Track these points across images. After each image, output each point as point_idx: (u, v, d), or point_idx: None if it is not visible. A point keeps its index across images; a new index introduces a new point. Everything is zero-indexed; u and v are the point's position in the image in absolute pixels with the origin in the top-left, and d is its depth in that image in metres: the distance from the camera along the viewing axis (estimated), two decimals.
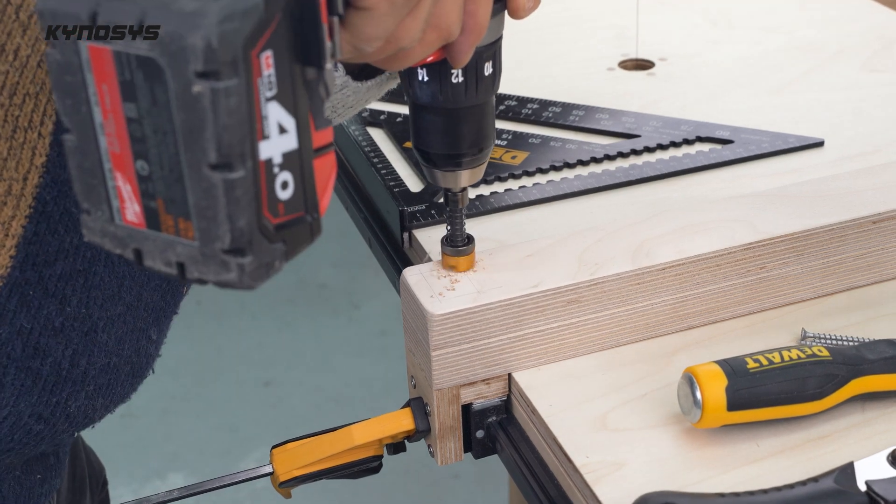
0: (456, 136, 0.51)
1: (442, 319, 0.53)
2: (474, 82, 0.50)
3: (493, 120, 0.53)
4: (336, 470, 0.56)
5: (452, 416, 0.56)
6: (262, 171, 0.36)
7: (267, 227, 0.36)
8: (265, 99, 0.35)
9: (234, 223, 0.35)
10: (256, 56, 0.34)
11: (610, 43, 0.90)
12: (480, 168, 0.54)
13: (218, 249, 0.35)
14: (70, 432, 0.55)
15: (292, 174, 0.37)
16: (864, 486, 0.48)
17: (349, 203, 0.77)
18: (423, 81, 0.49)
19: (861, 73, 0.84)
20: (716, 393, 0.50)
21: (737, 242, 0.59)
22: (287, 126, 0.36)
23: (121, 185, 0.37)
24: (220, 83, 0.33)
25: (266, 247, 0.36)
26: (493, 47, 0.50)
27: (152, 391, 1.85)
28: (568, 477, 0.52)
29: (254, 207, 0.35)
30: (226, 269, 0.36)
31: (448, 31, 0.44)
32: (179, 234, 0.36)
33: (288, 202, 0.37)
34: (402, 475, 1.67)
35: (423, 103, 0.51)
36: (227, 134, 0.34)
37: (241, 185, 0.35)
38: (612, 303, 0.57)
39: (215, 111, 0.34)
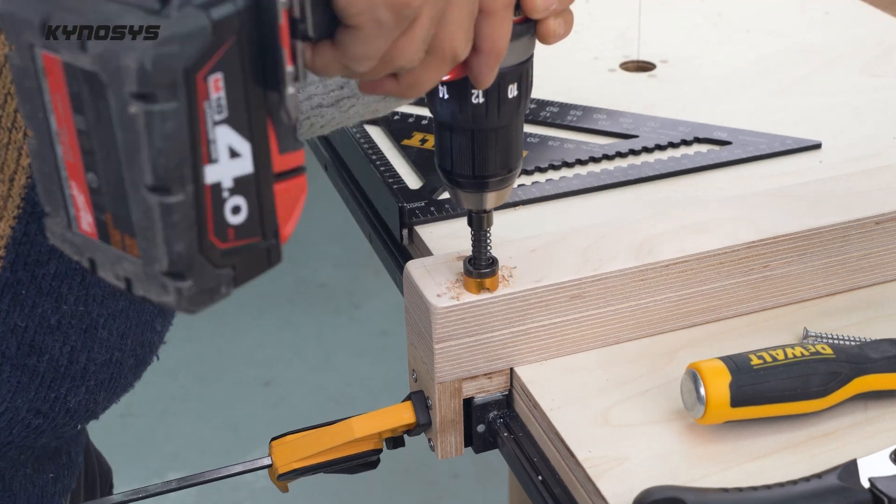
0: (480, 158, 0.49)
1: (445, 312, 0.53)
2: (496, 104, 0.47)
3: (520, 142, 0.50)
4: (335, 463, 0.56)
5: (454, 409, 0.56)
6: (207, 195, 0.35)
7: (212, 252, 0.35)
8: (213, 122, 0.34)
9: (172, 247, 0.34)
10: (203, 79, 0.33)
11: (611, 44, 0.91)
12: (507, 190, 0.51)
13: (157, 271, 0.35)
14: (72, 425, 0.55)
15: (246, 199, 0.36)
16: (868, 483, 0.48)
17: (349, 200, 0.77)
18: (443, 99, 0.48)
19: (860, 78, 0.84)
20: (719, 389, 0.50)
21: (740, 241, 0.59)
22: (240, 150, 0.35)
23: (76, 195, 0.36)
24: (156, 106, 0.33)
25: (210, 272, 0.35)
26: (518, 69, 0.47)
27: (152, 391, 1.85)
28: (570, 471, 0.52)
29: (194, 232, 0.34)
30: (165, 291, 0.35)
31: (453, 53, 0.42)
32: (126, 251, 0.36)
33: (240, 227, 0.36)
34: (401, 474, 1.67)
35: (443, 121, 0.49)
36: (163, 158, 0.33)
37: (179, 210, 0.34)
38: (615, 299, 0.57)
39: (150, 134, 0.33)
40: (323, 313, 2.03)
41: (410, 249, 0.68)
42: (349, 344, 1.96)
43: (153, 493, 0.52)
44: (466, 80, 0.46)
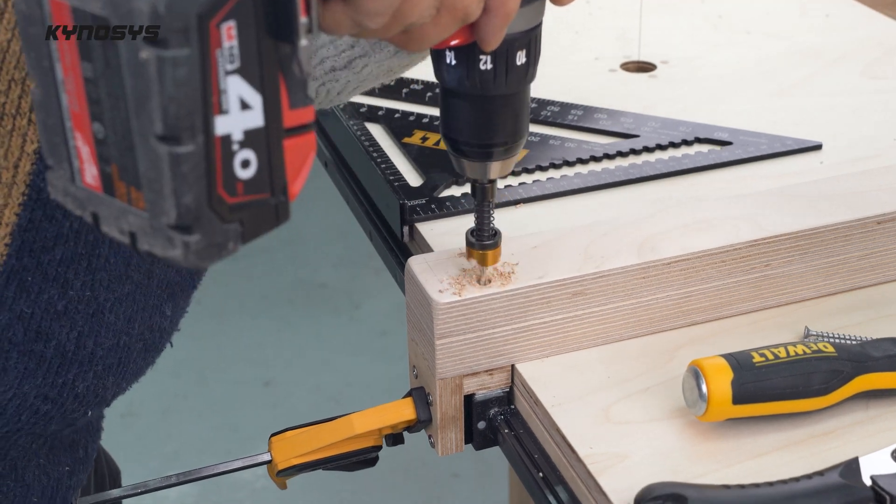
0: (486, 125, 0.48)
1: (447, 308, 0.53)
2: (504, 70, 0.47)
3: (527, 111, 0.50)
4: (334, 460, 0.56)
5: (454, 406, 0.56)
6: (217, 147, 0.34)
7: (221, 206, 0.34)
8: (225, 72, 0.33)
9: (180, 199, 0.33)
10: (216, 26, 0.32)
11: (612, 45, 0.91)
12: (511, 160, 0.51)
13: (164, 224, 0.34)
14: (82, 411, 0.54)
15: (256, 153, 0.35)
16: (870, 480, 0.48)
17: (350, 197, 0.77)
18: (450, 65, 0.47)
19: (861, 80, 0.84)
20: (721, 386, 0.50)
21: (742, 240, 0.59)
22: (251, 102, 0.34)
23: (80, 146, 0.35)
24: (168, 52, 0.32)
25: (217, 226, 0.35)
26: (527, 35, 0.47)
27: (153, 391, 1.85)
28: (571, 468, 0.52)
29: (203, 184, 0.34)
30: (171, 245, 0.34)
31: (465, 11, 0.42)
32: (132, 204, 0.35)
33: (249, 182, 0.35)
34: (401, 473, 1.67)
35: (450, 87, 0.48)
36: (174, 106, 0.32)
37: (189, 160, 0.33)
38: (616, 296, 0.57)
39: (161, 81, 0.32)
40: (323, 313, 2.03)
41: (411, 247, 0.68)
42: (349, 344, 1.96)
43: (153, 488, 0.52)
44: (474, 46, 0.46)
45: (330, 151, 0.82)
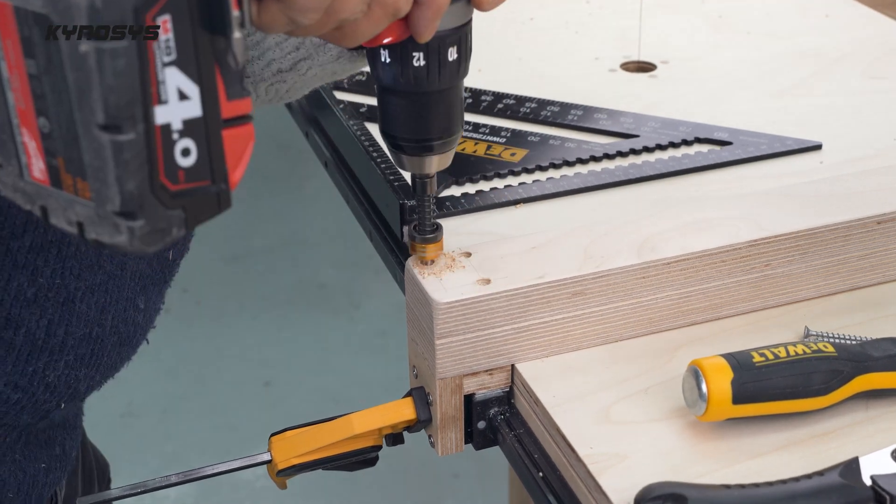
0: (423, 121, 0.50)
1: (447, 308, 0.53)
2: (437, 67, 0.48)
3: (462, 106, 0.51)
4: (334, 459, 0.55)
5: (454, 406, 0.56)
6: (157, 136, 0.35)
7: (163, 193, 0.36)
8: (162, 63, 0.35)
9: (124, 186, 0.35)
10: (152, 19, 0.34)
11: (612, 45, 0.91)
12: (449, 154, 0.52)
13: (110, 211, 0.35)
14: (54, 402, 0.54)
15: (195, 142, 0.37)
16: (870, 480, 0.48)
17: (350, 197, 0.77)
18: (385, 63, 0.49)
19: (861, 80, 0.84)
20: (721, 386, 0.50)
21: (742, 239, 0.59)
22: (189, 93, 0.36)
23: (27, 142, 0.37)
24: (107, 44, 0.33)
25: (161, 212, 0.36)
26: (458, 32, 0.49)
27: (152, 391, 1.85)
28: (571, 468, 0.52)
29: (146, 171, 0.35)
30: (117, 231, 0.36)
31: (395, 6, 0.43)
32: (78, 194, 0.36)
33: (190, 170, 0.37)
34: (401, 473, 1.67)
35: (386, 85, 0.50)
36: (115, 95, 0.34)
37: (131, 148, 0.35)
38: (616, 296, 0.57)
39: (101, 72, 0.33)
40: (323, 313, 2.03)
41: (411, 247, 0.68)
42: (349, 344, 1.96)
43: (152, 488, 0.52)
44: (408, 43, 0.47)
45: (330, 151, 0.82)
